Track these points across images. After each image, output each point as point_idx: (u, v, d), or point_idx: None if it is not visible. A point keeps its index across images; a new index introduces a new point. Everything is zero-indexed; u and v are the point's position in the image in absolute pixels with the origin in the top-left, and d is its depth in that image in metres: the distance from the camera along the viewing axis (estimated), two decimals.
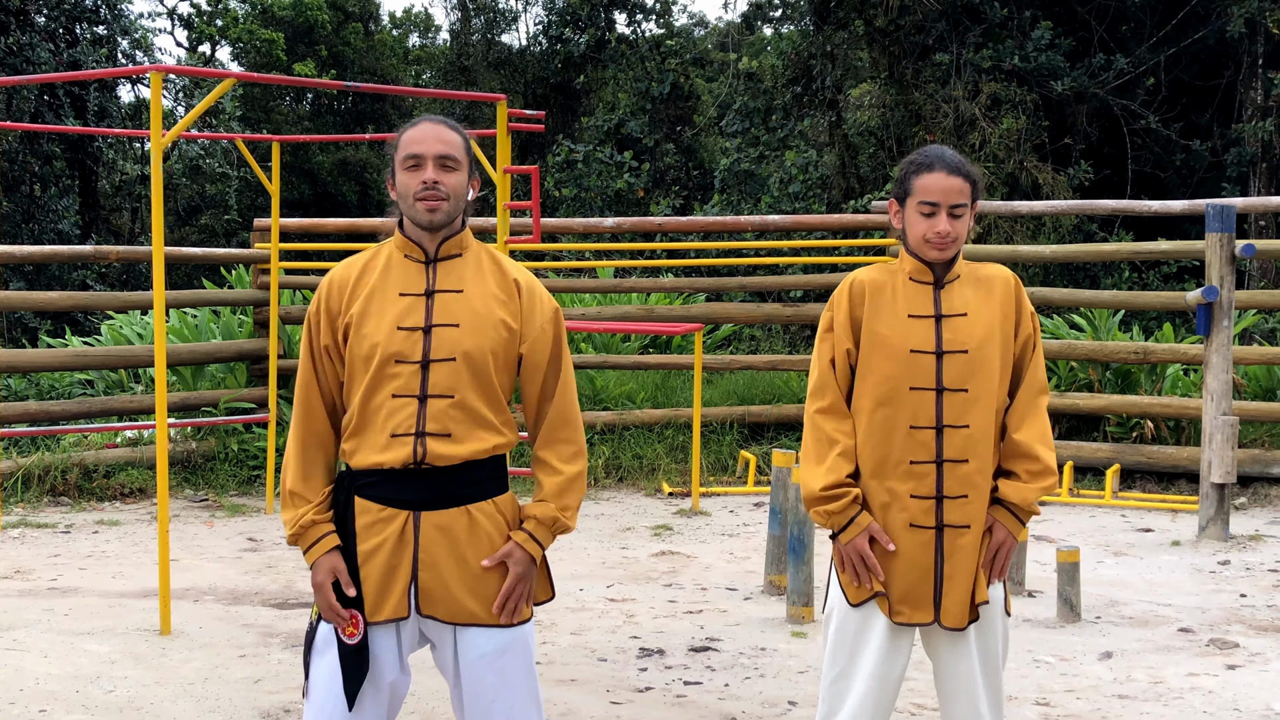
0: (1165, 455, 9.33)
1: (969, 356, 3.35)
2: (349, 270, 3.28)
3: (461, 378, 3.15)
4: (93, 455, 8.95)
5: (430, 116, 3.25)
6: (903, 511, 3.35)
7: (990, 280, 3.44)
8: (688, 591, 6.66)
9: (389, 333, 3.16)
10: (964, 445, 3.33)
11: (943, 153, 3.38)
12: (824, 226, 11.19)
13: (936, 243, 3.33)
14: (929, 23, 17.24)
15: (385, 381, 3.15)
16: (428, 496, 3.16)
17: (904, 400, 3.34)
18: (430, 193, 3.17)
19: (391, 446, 3.13)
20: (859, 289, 3.43)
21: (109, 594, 6.50)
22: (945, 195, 3.32)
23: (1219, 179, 16.92)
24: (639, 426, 10.18)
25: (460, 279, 3.23)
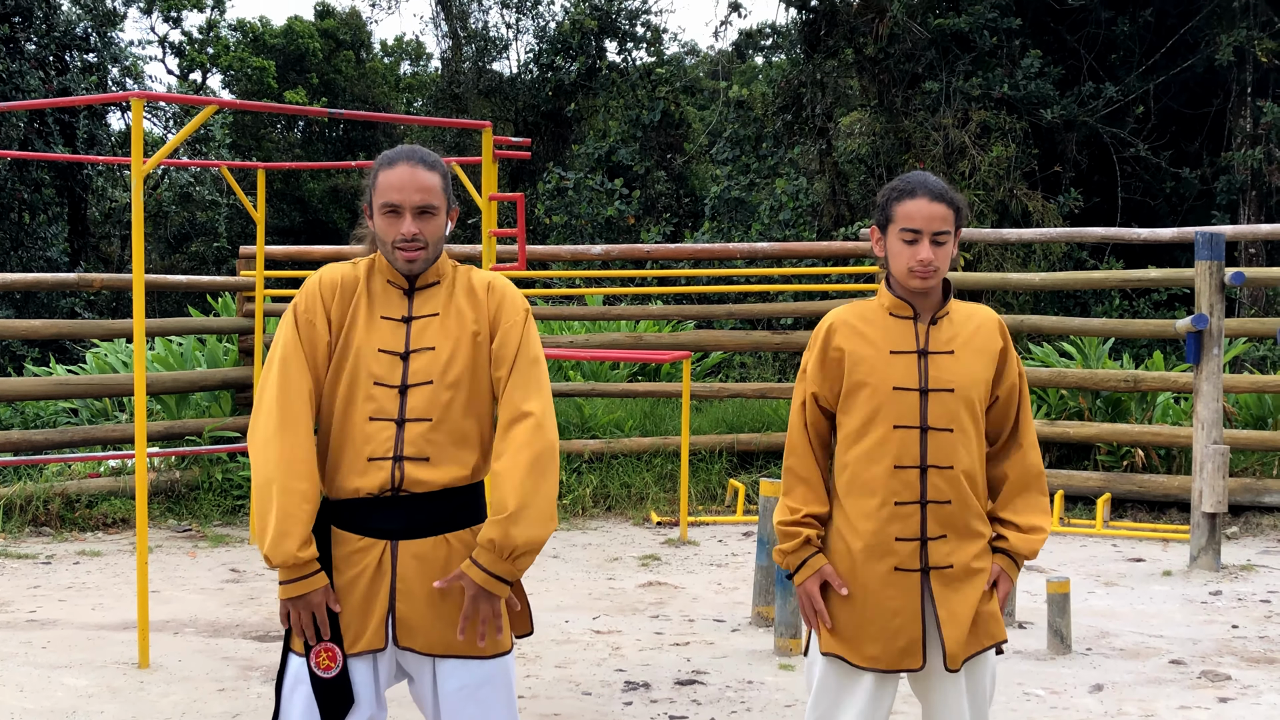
0: (1156, 484, 9.28)
1: (954, 396, 3.28)
2: (336, 275, 3.23)
3: (440, 401, 3.11)
4: (75, 485, 8.86)
5: (408, 154, 3.18)
6: (888, 555, 3.26)
7: (975, 320, 3.38)
8: (675, 623, 6.58)
9: (371, 354, 3.13)
10: (947, 486, 3.26)
11: (925, 179, 3.31)
12: (814, 254, 11.16)
13: (919, 271, 3.26)
14: (919, 51, 17.28)
15: (363, 404, 3.11)
16: (405, 525, 3.10)
17: (888, 439, 3.27)
18: (409, 244, 3.14)
19: (368, 471, 3.08)
20: (835, 329, 3.37)
21: (88, 626, 6.41)
22: (928, 222, 3.25)
23: (1209, 207, 16.93)
24: (627, 455, 10.10)
25: (437, 304, 3.20)
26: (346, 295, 3.19)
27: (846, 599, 3.29)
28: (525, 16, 25.98)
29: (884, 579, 3.26)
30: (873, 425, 3.28)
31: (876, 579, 3.27)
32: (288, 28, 32.08)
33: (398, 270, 3.19)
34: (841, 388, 3.33)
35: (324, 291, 3.19)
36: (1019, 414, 3.39)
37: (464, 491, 3.15)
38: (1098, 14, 16.93)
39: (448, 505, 3.13)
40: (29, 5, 21.79)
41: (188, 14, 32.31)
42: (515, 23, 26.20)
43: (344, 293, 3.19)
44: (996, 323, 3.39)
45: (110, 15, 25.14)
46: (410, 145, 3.25)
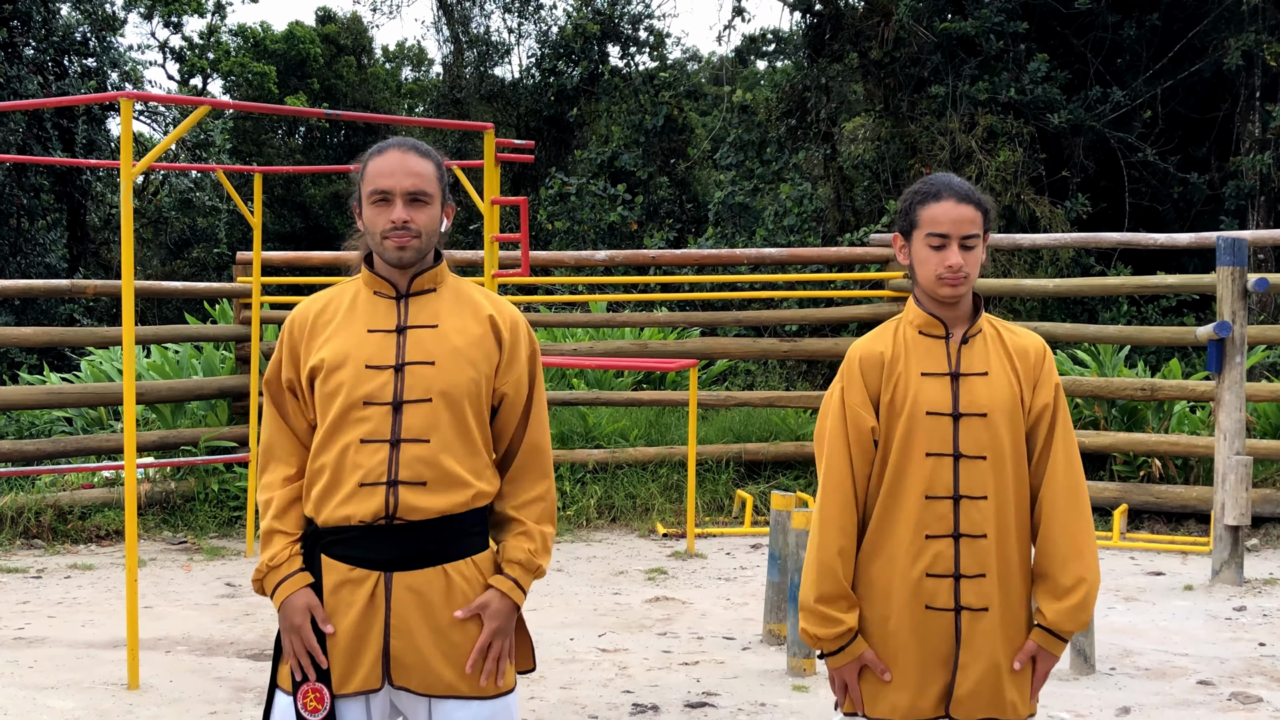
0: (1174, 495, 9.07)
1: (989, 421, 3.03)
2: (311, 307, 3.02)
3: (438, 420, 2.88)
4: (68, 496, 8.66)
5: (399, 142, 2.97)
6: (919, 594, 3.01)
7: (1016, 342, 3.13)
8: (683, 641, 6.37)
9: (356, 373, 2.89)
10: (982, 518, 3.00)
11: (949, 180, 3.08)
12: (821, 260, 10.97)
13: (949, 278, 3.02)
14: (924, 55, 17.10)
15: (353, 426, 2.87)
16: (399, 555, 2.87)
17: (920, 468, 3.02)
18: (399, 232, 2.90)
19: (359, 497, 2.85)
20: (864, 359, 3.10)
21: (77, 644, 6.20)
22: (955, 226, 3.01)
23: (1217, 212, 16.74)
24: (632, 465, 9.90)
25: (434, 314, 2.96)
26: (316, 320, 2.98)
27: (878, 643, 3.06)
28: (527, 21, 25.81)
29: (915, 620, 3.02)
30: (902, 453, 3.04)
31: (907, 620, 3.02)
32: (289, 33, 31.93)
33: (388, 261, 2.95)
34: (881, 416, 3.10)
35: (291, 333, 3.01)
36: (1054, 443, 3.09)
37: (464, 519, 2.92)
38: (1104, 18, 16.76)
39: (446, 533, 2.90)
40: (27, 9, 21.62)
41: (188, 19, 32.16)
42: (517, 27, 26.03)
43: (313, 319, 2.99)
44: (1040, 348, 3.14)
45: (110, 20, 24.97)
46: (402, 136, 3.03)
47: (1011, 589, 3.05)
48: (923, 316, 3.12)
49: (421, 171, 2.92)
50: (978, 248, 3.06)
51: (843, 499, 3.09)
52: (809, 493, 9.48)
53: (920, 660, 3.02)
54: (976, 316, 3.13)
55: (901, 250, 3.15)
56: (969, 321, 3.12)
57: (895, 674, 3.03)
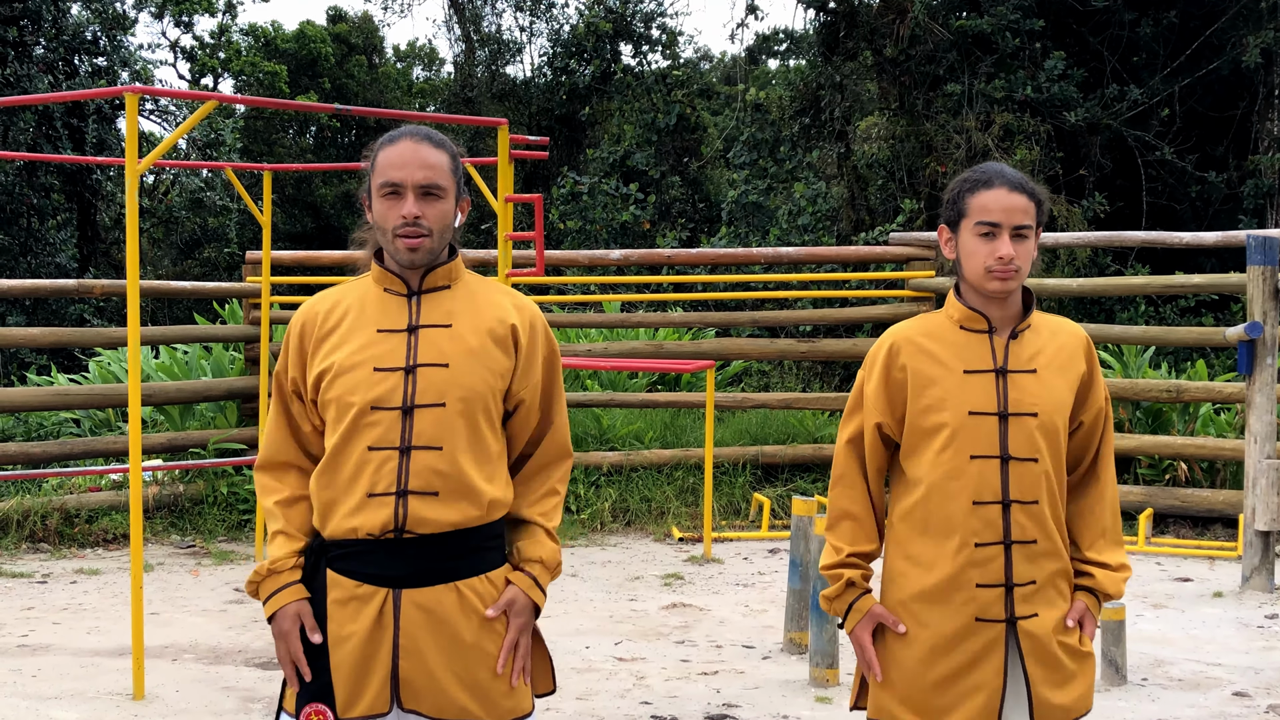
0: (1200, 498, 8.89)
1: (1038, 421, 2.88)
2: (318, 306, 2.85)
3: (452, 426, 2.71)
4: (75, 499, 8.52)
5: (412, 131, 2.80)
6: (968, 604, 2.86)
7: (1060, 336, 2.98)
8: (701, 649, 6.22)
9: (365, 375, 2.72)
10: (1032, 524, 2.86)
11: (1001, 168, 2.93)
12: (838, 259, 10.80)
13: (998, 271, 2.86)
14: (940, 53, 16.94)
15: (360, 432, 2.70)
16: (410, 571, 2.70)
17: (965, 471, 2.87)
18: (411, 229, 2.73)
19: (367, 509, 2.68)
20: (896, 349, 2.97)
21: (82, 652, 6.07)
22: (1007, 214, 2.85)
23: (1235, 211, 16.57)
24: (647, 468, 9.74)
25: (449, 312, 2.79)
26: (324, 320, 2.82)
27: (913, 653, 2.91)
28: (539, 19, 25.69)
29: (963, 631, 2.87)
30: (947, 456, 2.88)
31: (953, 630, 2.87)
32: (300, 32, 31.85)
33: (399, 262, 2.79)
34: (906, 414, 2.95)
35: (298, 333, 2.85)
36: (1101, 444, 3.01)
37: (479, 532, 2.76)
38: (1121, 15, 16.58)
39: (459, 547, 2.74)
40: (38, 8, 21.54)
41: (199, 18, 32.09)
42: (529, 26, 25.91)
43: (322, 318, 2.83)
44: (1083, 340, 3.00)
45: (120, 19, 24.87)
46: (414, 125, 2.86)
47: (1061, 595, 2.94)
48: (962, 310, 2.97)
49: (435, 163, 2.75)
50: (1030, 240, 2.90)
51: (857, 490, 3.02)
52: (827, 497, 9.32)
53: (965, 672, 2.87)
54: (1028, 313, 2.97)
55: (947, 243, 3.00)
56: (1019, 319, 2.97)
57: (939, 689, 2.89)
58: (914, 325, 3.02)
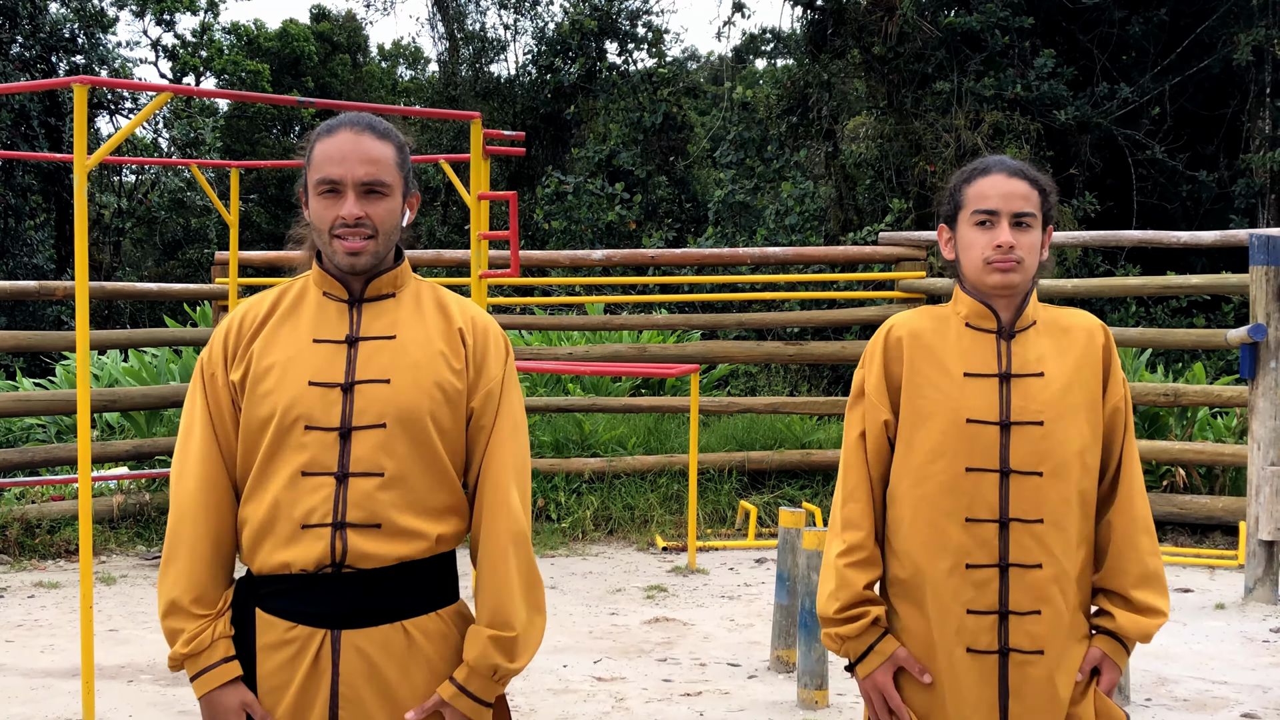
0: (1198, 505, 8.64)
1: (1044, 430, 2.60)
2: (252, 309, 2.54)
3: (394, 449, 2.40)
4: (36, 509, 8.21)
5: (352, 120, 2.49)
6: (957, 633, 2.59)
7: (1071, 330, 2.69)
8: (685, 668, 5.94)
9: (298, 390, 2.41)
10: (1036, 545, 2.58)
11: (1001, 157, 2.70)
12: (827, 259, 10.53)
13: (998, 262, 2.60)
14: (929, 50, 16.72)
15: (291, 454, 2.39)
16: (349, 609, 2.39)
17: (958, 485, 2.60)
18: (352, 230, 2.43)
19: (301, 541, 2.37)
20: (896, 341, 2.70)
21: (34, 673, 5.77)
22: (1005, 201, 2.61)
23: (1226, 210, 16.38)
24: (630, 474, 9.46)
25: (392, 323, 2.49)
26: (259, 325, 2.51)
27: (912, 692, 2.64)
28: (523, 17, 25.41)
29: (955, 664, 2.60)
30: (938, 466, 2.61)
31: (945, 664, 2.61)
32: (282, 31, 31.54)
33: (338, 266, 2.48)
34: (900, 417, 2.69)
35: (230, 334, 2.52)
36: (1123, 450, 2.70)
37: (428, 565, 2.46)
38: (1111, 13, 16.39)
39: (406, 583, 2.43)
40: (14, 6, 21.23)
41: (181, 17, 31.73)
42: (513, 24, 25.62)
43: (257, 323, 2.51)
44: (1099, 330, 2.71)
45: (99, 16, 24.54)
46: (357, 112, 2.54)
47: (1073, 628, 2.63)
48: (971, 304, 2.70)
49: (378, 157, 2.44)
50: (1033, 231, 2.64)
51: (863, 502, 2.71)
52: (816, 504, 9.06)
53: (959, 709, 2.60)
54: (1024, 307, 2.69)
55: (947, 243, 2.74)
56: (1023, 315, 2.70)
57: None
58: (917, 316, 2.75)
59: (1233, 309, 14.27)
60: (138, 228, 27.13)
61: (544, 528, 8.82)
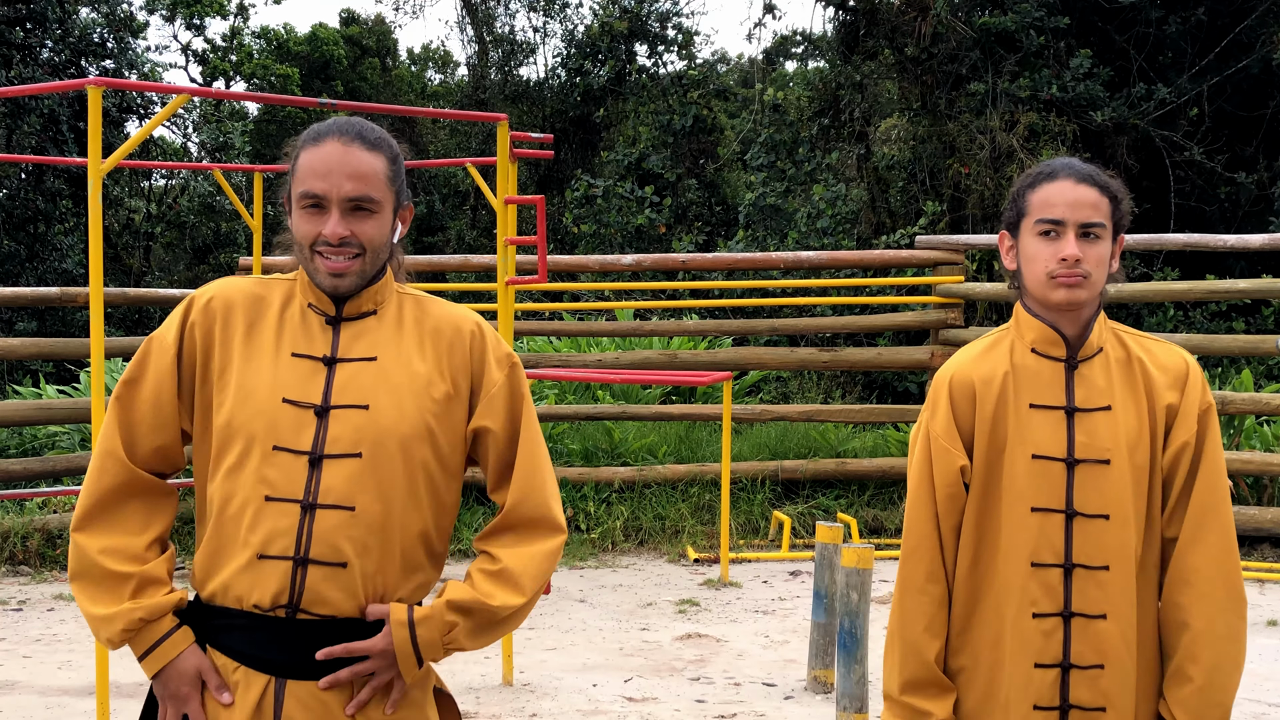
0: (1247, 517, 8.39)
1: (1112, 470, 2.39)
2: (234, 293, 2.33)
3: (367, 483, 2.21)
4: (57, 519, 8.09)
5: (341, 127, 2.29)
6: (1024, 687, 2.39)
7: (1153, 360, 2.47)
8: (718, 687, 5.75)
9: (270, 404, 2.22)
10: (1101, 594, 2.38)
11: (1070, 161, 2.48)
12: (862, 263, 10.32)
13: (1063, 276, 2.39)
14: (963, 51, 16.51)
15: (256, 472, 2.20)
16: (298, 659, 2.20)
17: (1022, 525, 2.40)
18: (336, 250, 2.24)
19: (255, 573, 2.18)
20: (965, 388, 2.47)
21: (50, 690, 5.64)
22: (1072, 209, 2.39)
23: (1266, 212, 16.11)
24: (661, 484, 9.26)
25: (374, 343, 2.30)
26: (238, 315, 2.30)
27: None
28: (553, 20, 25.27)
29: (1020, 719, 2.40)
30: (1001, 506, 2.42)
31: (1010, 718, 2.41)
32: (312, 35, 31.52)
33: (319, 287, 2.30)
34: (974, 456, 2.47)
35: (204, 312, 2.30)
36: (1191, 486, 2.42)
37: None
38: (1147, 13, 16.15)
39: (364, 634, 2.24)
40: (42, 11, 21.22)
41: (211, 21, 31.76)
42: (542, 26, 25.49)
43: (238, 312, 2.31)
44: (1178, 364, 2.48)
45: (129, 21, 24.54)
46: (347, 118, 2.33)
47: (1136, 684, 2.42)
48: (1038, 328, 2.47)
49: (367, 171, 2.25)
50: (1103, 242, 2.41)
51: (929, 560, 2.47)
52: (851, 514, 8.85)
53: None
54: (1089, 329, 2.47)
55: (1009, 252, 2.52)
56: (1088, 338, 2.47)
57: None
58: (972, 361, 2.52)
59: (1273, 313, 13.98)
60: (168, 232, 27.13)
61: (573, 538, 8.64)
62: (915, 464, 2.53)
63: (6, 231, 21.03)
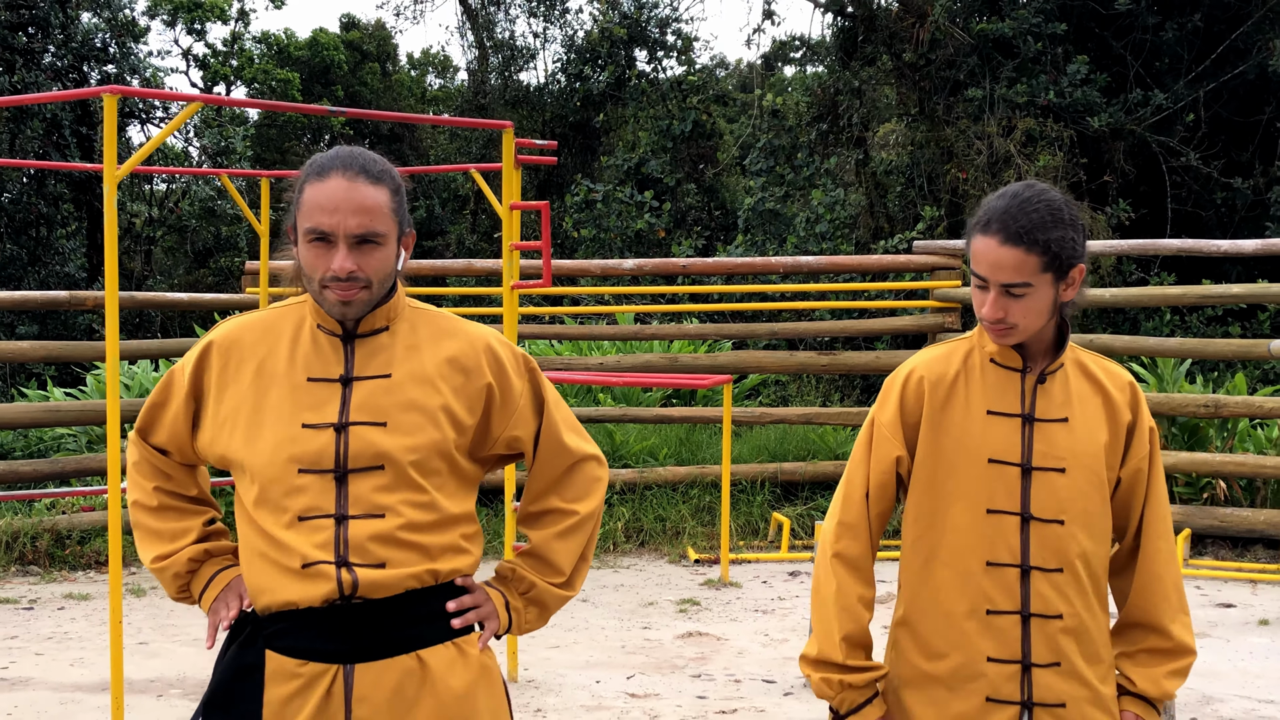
0: (1240, 518, 8.50)
1: (1067, 478, 2.50)
2: (240, 331, 2.44)
3: (393, 492, 2.32)
4: (66, 520, 8.19)
5: (345, 161, 2.35)
6: (976, 679, 2.49)
7: (1098, 376, 2.59)
8: (719, 684, 5.86)
9: (290, 431, 2.33)
10: (1056, 594, 2.48)
11: (1009, 209, 2.47)
12: (861, 268, 10.43)
13: (990, 326, 2.50)
14: (960, 57, 16.61)
15: (287, 496, 2.31)
16: (361, 643, 2.30)
17: (978, 527, 2.50)
18: (344, 284, 2.31)
19: (303, 580, 2.29)
20: (916, 386, 2.58)
21: (63, 687, 5.74)
22: (994, 271, 2.45)
23: (1262, 218, 16.20)
24: (661, 485, 9.38)
25: (388, 360, 2.38)
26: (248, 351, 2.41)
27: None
28: (553, 25, 25.38)
29: (972, 713, 2.50)
30: (958, 507, 2.52)
31: (960, 712, 2.51)
32: (313, 40, 31.62)
33: (327, 313, 2.39)
34: (916, 453, 2.58)
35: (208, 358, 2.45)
36: (1146, 506, 2.59)
37: (440, 593, 2.39)
38: (1144, 19, 16.25)
39: (420, 609, 2.35)
40: (45, 16, 21.32)
41: (212, 26, 31.86)
42: (542, 32, 25.60)
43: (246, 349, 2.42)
44: (1127, 385, 2.61)
45: (130, 26, 24.64)
46: (350, 149, 2.39)
47: (1094, 681, 2.53)
48: (995, 344, 2.59)
49: (372, 205, 2.31)
50: (1031, 296, 2.46)
51: (860, 536, 2.59)
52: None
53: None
54: (1060, 350, 2.57)
55: None
56: (1052, 355, 2.57)
57: None
58: (936, 357, 2.63)
59: (1269, 317, 14.09)
60: (169, 236, 27.22)
61: None
62: (857, 447, 2.66)
63: (9, 235, 21.12)
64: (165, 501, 2.51)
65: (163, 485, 2.51)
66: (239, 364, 2.40)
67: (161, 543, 2.49)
